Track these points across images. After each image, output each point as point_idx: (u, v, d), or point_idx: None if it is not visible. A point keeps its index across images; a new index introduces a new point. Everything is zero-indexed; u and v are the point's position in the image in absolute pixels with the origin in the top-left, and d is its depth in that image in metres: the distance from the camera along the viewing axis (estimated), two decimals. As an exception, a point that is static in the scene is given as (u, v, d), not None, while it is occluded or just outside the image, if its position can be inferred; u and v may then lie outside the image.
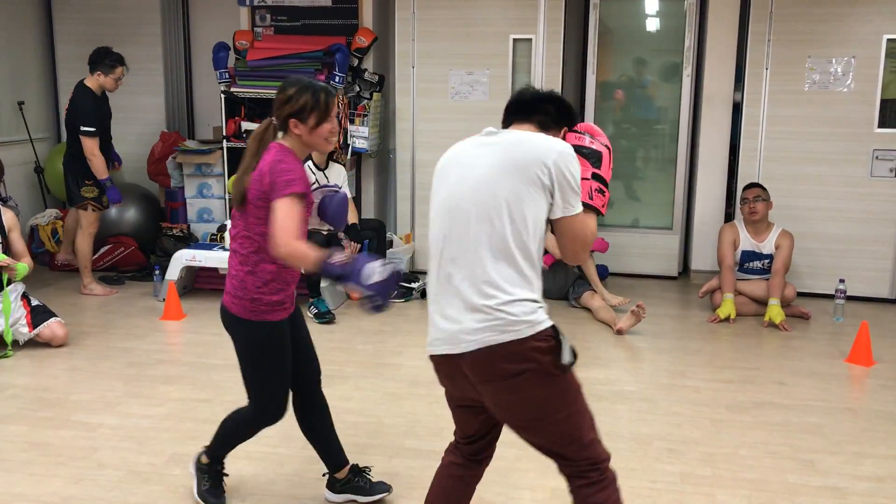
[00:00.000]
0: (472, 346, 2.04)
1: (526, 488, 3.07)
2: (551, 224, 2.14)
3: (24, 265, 4.48)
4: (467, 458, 2.36)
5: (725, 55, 6.03)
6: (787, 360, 4.64)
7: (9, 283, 4.50)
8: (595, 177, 2.22)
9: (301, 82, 2.60)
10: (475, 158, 2.14)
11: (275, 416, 2.76)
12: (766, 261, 5.40)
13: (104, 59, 5.48)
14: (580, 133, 2.28)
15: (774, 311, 5.15)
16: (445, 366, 2.16)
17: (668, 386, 4.20)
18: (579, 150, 2.20)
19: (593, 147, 2.25)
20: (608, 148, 2.29)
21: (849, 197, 5.79)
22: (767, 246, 5.41)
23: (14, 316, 4.52)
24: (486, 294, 2.03)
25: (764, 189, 5.43)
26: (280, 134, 2.62)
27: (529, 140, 2.12)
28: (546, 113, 2.26)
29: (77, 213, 5.77)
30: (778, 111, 5.84)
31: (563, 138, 2.25)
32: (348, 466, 2.96)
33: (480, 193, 2.07)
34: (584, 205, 2.14)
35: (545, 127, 2.24)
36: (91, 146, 5.43)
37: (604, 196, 2.22)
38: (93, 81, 5.51)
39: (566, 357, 2.04)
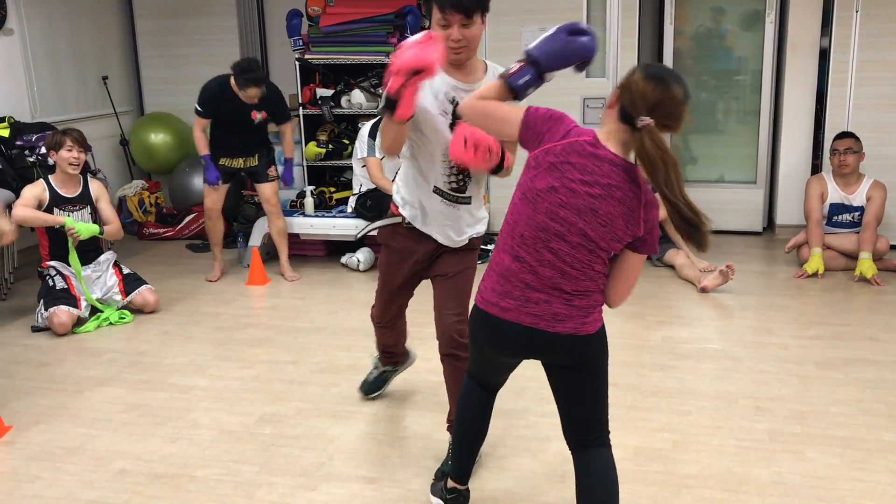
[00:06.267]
0: None
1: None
2: None
3: (83, 224, 4.48)
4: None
5: (811, -1, 5.78)
6: (879, 315, 4.48)
7: (99, 253, 4.69)
8: None
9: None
10: None
11: None
12: (857, 213, 5.19)
13: (241, 75, 5.06)
14: None
15: (866, 265, 4.96)
16: None
17: (754, 343, 4.11)
18: None
19: None
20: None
21: (946, 144, 5.50)
22: (858, 198, 5.20)
23: (107, 284, 4.72)
24: None
25: (857, 140, 5.19)
26: None
27: None
28: None
29: None
30: (869, 56, 5.57)
31: None
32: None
33: None
34: None
35: None
36: (195, 125, 5.24)
37: None
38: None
39: None
